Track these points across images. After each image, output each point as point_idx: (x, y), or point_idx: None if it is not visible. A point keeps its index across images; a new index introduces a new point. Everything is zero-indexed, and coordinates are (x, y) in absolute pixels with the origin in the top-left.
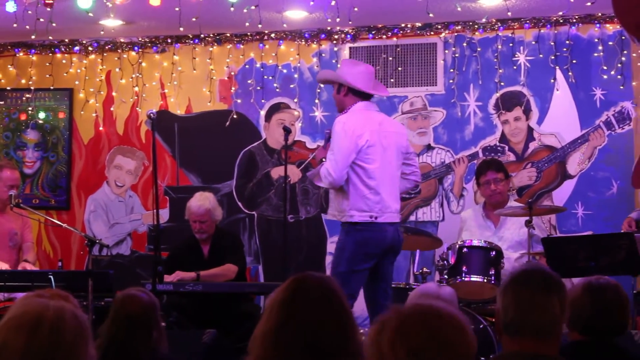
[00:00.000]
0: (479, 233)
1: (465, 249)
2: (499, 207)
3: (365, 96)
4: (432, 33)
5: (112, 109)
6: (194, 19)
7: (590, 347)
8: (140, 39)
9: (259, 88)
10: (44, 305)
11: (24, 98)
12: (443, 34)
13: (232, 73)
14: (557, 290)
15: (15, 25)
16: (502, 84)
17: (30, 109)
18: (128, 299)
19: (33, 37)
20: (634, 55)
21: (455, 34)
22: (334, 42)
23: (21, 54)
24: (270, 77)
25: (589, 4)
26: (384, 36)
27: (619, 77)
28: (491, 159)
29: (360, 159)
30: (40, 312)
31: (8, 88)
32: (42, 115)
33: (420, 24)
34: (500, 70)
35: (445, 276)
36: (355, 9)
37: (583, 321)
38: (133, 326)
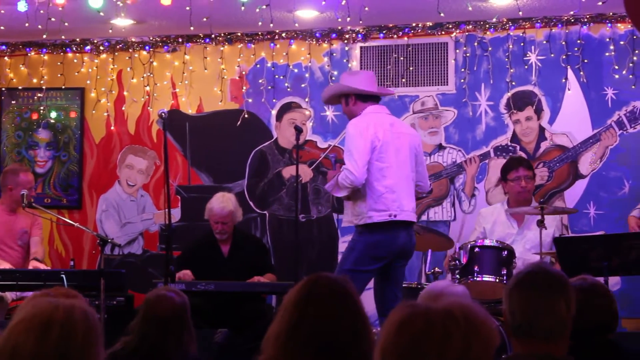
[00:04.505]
0: (502, 232)
1: (477, 249)
2: (525, 205)
3: (373, 100)
4: (443, 32)
5: (123, 108)
6: (204, 19)
7: (579, 350)
8: (151, 39)
9: (270, 87)
10: (54, 305)
11: (35, 97)
12: (454, 34)
13: (243, 72)
14: (562, 290)
15: (26, 24)
16: (513, 83)
17: (41, 108)
18: (159, 299)
19: (44, 36)
20: None
21: (467, 33)
22: (345, 41)
23: (32, 53)
24: (282, 77)
25: (600, 3)
26: (395, 36)
27: (630, 76)
28: (521, 157)
29: (375, 158)
30: (50, 314)
31: (20, 87)
32: (53, 114)
33: (431, 24)
34: (512, 70)
35: (457, 276)
36: (366, 9)
37: None
38: (164, 328)
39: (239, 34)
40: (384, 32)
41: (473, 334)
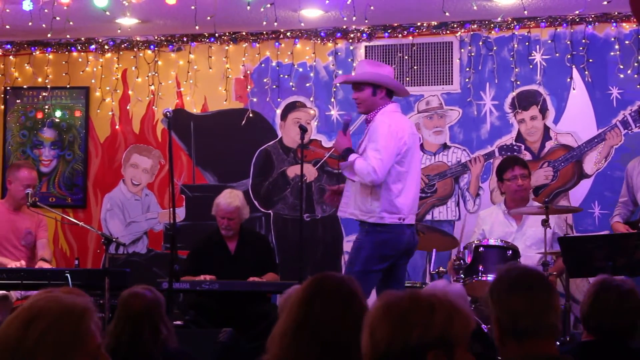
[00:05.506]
0: (502, 230)
1: (481, 248)
2: (523, 203)
3: (391, 96)
4: (448, 32)
5: (128, 107)
6: (209, 18)
7: (597, 348)
8: (156, 38)
9: (274, 87)
10: (35, 301)
11: (40, 96)
12: (459, 33)
13: (248, 72)
14: (553, 287)
15: (31, 23)
16: (518, 82)
17: (46, 107)
18: (131, 297)
19: (49, 35)
20: None
21: (471, 32)
22: (350, 40)
23: (37, 52)
24: (286, 76)
25: (605, 2)
26: (400, 35)
27: (635, 76)
28: (515, 156)
29: (396, 161)
30: (28, 309)
31: (25, 86)
32: (58, 113)
33: (436, 23)
34: (517, 69)
35: (462, 275)
36: (371, 8)
37: (585, 318)
38: (139, 324)
39: (244, 33)
40: (389, 31)
41: (454, 312)
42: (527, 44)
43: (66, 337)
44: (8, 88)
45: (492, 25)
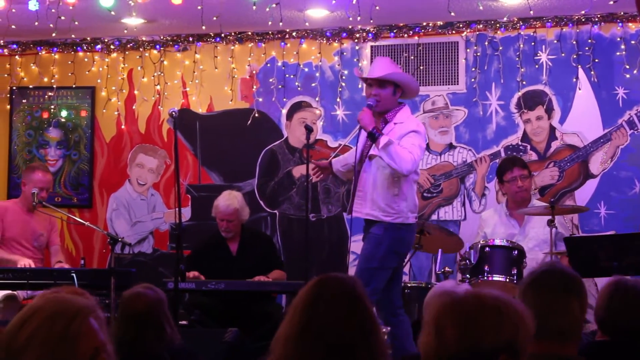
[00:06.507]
0: (504, 232)
1: (487, 249)
2: (524, 204)
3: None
4: (453, 32)
5: (134, 107)
6: (215, 18)
7: (612, 348)
8: (161, 38)
9: (280, 87)
10: (37, 300)
11: (46, 96)
12: (465, 33)
13: (254, 72)
14: (576, 291)
15: (37, 23)
16: (524, 83)
17: (52, 107)
18: (133, 297)
19: (55, 35)
20: None
21: (477, 32)
22: (356, 40)
23: (43, 52)
24: (292, 76)
25: (611, 2)
26: (406, 35)
27: None
28: (514, 156)
29: None
30: (28, 307)
31: (30, 86)
32: (64, 113)
33: (441, 23)
34: (522, 69)
35: (467, 275)
36: (377, 8)
37: (600, 318)
38: (142, 323)
39: (250, 33)
40: (395, 31)
41: (518, 316)
42: (532, 44)
43: (55, 337)
44: (14, 88)
45: (497, 25)
